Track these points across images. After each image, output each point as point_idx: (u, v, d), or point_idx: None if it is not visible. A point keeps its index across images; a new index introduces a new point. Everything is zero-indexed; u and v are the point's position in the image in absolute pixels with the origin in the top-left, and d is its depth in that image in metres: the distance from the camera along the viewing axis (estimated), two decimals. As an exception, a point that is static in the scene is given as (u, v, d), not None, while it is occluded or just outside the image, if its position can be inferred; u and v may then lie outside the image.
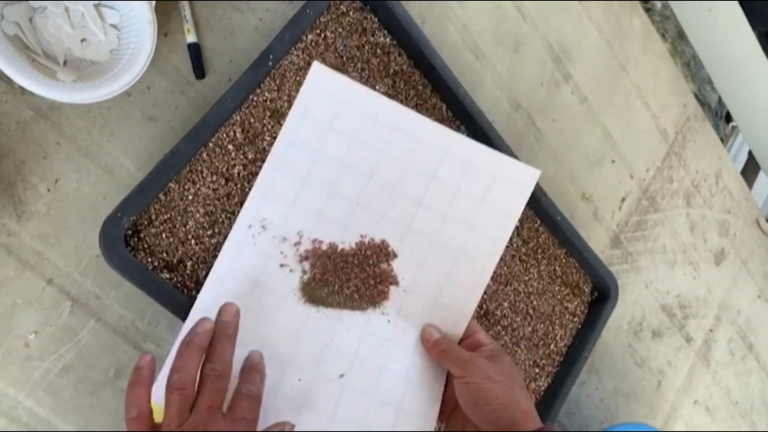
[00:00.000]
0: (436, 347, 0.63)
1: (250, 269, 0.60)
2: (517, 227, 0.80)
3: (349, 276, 0.62)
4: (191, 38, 0.65)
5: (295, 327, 0.60)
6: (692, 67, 2.21)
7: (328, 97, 0.63)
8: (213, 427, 0.48)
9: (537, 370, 0.82)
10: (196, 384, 0.51)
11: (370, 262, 0.63)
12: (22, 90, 0.58)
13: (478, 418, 0.59)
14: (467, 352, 0.63)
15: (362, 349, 0.62)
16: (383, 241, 0.64)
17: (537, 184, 0.80)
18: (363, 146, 0.63)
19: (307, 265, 0.62)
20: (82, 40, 0.59)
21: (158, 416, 0.51)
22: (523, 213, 0.80)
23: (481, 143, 0.68)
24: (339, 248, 0.63)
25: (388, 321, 0.64)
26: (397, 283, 0.64)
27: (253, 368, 0.54)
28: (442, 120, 0.76)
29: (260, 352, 0.55)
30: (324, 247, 0.62)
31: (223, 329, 0.53)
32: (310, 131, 0.62)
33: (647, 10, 1.68)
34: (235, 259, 0.60)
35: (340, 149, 0.63)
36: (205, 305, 0.57)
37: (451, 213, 0.66)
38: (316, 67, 0.63)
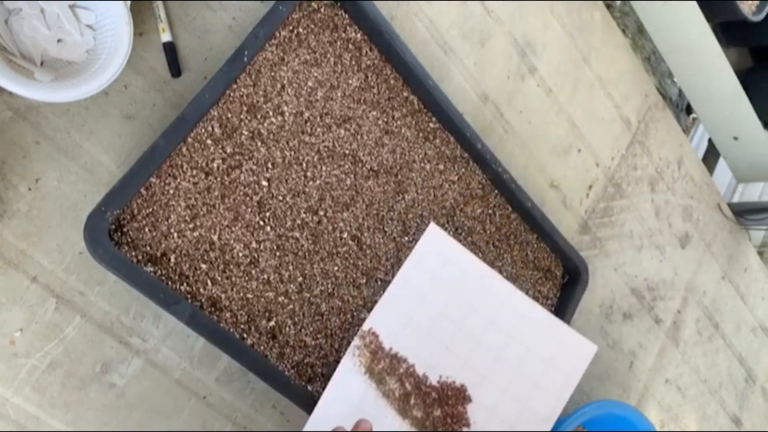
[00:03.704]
0: None
1: (359, 383, 0.68)
2: (489, 214, 0.83)
3: (432, 408, 0.71)
4: (166, 37, 0.66)
5: None
6: (652, 61, 2.27)
7: (437, 254, 0.74)
8: None
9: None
10: None
11: (450, 402, 0.72)
12: (0, 91, 0.58)
13: None
14: None
15: None
16: (462, 385, 0.73)
17: (507, 173, 0.83)
18: (458, 299, 0.73)
19: (401, 385, 0.70)
20: (58, 41, 0.60)
21: None
22: (495, 200, 0.83)
23: (551, 314, 0.77)
24: (428, 381, 0.71)
25: None
26: (469, 426, 0.73)
27: None
28: (413, 112, 0.78)
29: None
30: (417, 375, 0.71)
31: None
32: (419, 278, 0.72)
33: (608, 7, 1.73)
34: (347, 372, 0.68)
35: (440, 298, 0.73)
36: (322, 414, 0.66)
37: (522, 369, 0.75)
38: (432, 227, 0.74)
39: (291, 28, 0.70)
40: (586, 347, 0.79)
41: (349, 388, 0.68)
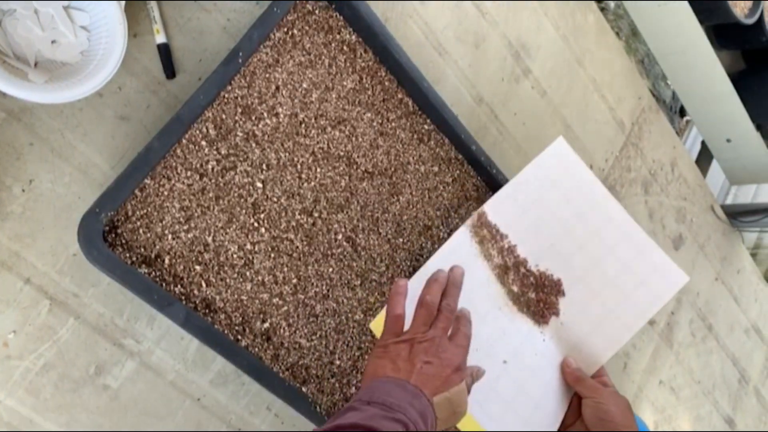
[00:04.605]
0: (573, 373, 0.77)
1: (468, 251, 0.75)
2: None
3: (528, 289, 0.78)
4: (161, 39, 0.66)
5: (484, 311, 0.75)
6: (646, 64, 2.28)
7: (560, 162, 0.80)
8: (443, 343, 0.63)
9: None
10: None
11: (545, 290, 0.78)
12: (-6, 92, 0.58)
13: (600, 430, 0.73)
14: (597, 383, 0.77)
15: (522, 350, 0.77)
16: (559, 280, 0.79)
17: (502, 174, 0.83)
18: (570, 207, 0.80)
19: (501, 258, 0.76)
20: (52, 42, 0.60)
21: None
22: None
23: (653, 240, 0.83)
24: (528, 265, 0.78)
25: (543, 340, 0.78)
26: (558, 315, 0.79)
27: (465, 317, 0.68)
28: (408, 114, 0.78)
29: (468, 309, 0.69)
30: (519, 256, 0.77)
31: (454, 281, 0.69)
32: (540, 180, 0.79)
33: (601, 10, 1.74)
34: (462, 236, 0.75)
35: (554, 202, 0.79)
36: (436, 264, 0.72)
37: (615, 281, 0.81)
38: (560, 140, 0.80)
39: (286, 29, 0.70)
40: (679, 276, 0.84)
41: (458, 250, 0.74)
